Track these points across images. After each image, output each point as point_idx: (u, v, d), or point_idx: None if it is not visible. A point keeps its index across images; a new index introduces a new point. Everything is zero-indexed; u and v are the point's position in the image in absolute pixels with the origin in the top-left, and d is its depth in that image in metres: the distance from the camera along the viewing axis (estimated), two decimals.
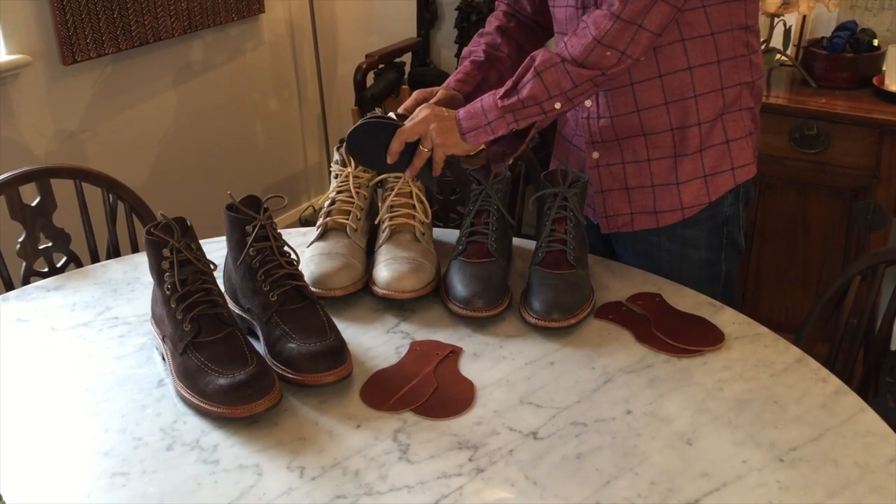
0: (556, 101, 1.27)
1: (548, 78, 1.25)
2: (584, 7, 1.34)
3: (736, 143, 1.40)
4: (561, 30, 1.42)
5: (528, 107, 1.27)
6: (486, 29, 1.55)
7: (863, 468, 0.97)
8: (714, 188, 1.41)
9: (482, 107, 1.29)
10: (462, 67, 1.51)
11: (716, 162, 1.40)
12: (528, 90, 1.26)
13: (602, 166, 1.45)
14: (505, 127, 1.28)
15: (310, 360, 1.09)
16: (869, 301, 1.36)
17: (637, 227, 1.46)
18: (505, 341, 1.22)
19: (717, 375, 1.14)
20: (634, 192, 1.44)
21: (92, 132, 2.65)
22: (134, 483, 0.97)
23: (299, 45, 3.39)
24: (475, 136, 1.29)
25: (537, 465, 0.99)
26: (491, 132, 1.29)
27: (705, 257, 1.46)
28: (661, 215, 1.43)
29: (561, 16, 1.40)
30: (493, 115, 1.28)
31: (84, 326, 1.29)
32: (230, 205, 1.18)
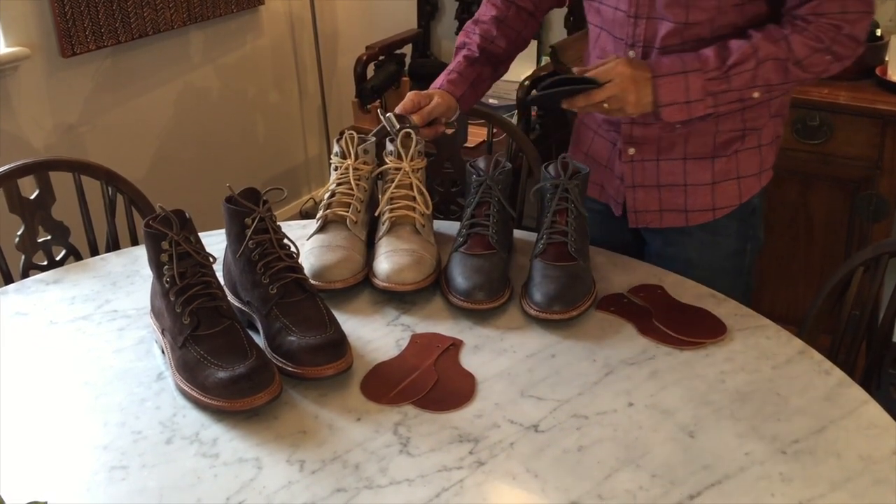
0: (756, 91, 1.27)
1: (763, 70, 1.25)
2: (637, 16, 1.32)
3: (766, 147, 1.42)
4: (606, 27, 1.40)
5: (732, 92, 1.26)
6: (482, 16, 1.53)
7: (866, 460, 0.97)
8: (745, 190, 1.42)
9: (687, 84, 1.26)
10: (455, 64, 1.51)
11: (748, 164, 1.41)
12: (740, 79, 1.25)
13: (636, 162, 1.44)
14: (703, 109, 1.28)
15: (310, 353, 1.09)
16: (872, 292, 1.35)
17: (665, 225, 1.46)
18: (506, 334, 1.22)
19: (719, 367, 1.14)
20: (665, 190, 1.43)
21: (91, 125, 2.64)
22: (133, 477, 0.97)
23: (299, 36, 3.38)
24: (671, 111, 1.28)
25: (538, 458, 0.98)
26: (687, 112, 1.28)
27: (734, 247, 1.46)
28: (691, 214, 1.43)
29: (608, 15, 1.38)
30: (696, 96, 1.26)
31: (83, 320, 1.28)
32: (229, 197, 1.17)
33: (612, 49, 1.40)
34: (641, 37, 1.34)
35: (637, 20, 1.33)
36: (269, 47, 3.25)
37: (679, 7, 1.28)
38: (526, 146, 1.79)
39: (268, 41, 3.24)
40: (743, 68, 1.25)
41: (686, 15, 1.28)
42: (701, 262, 1.44)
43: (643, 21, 1.33)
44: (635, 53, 1.35)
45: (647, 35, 1.33)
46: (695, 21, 1.29)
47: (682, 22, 1.29)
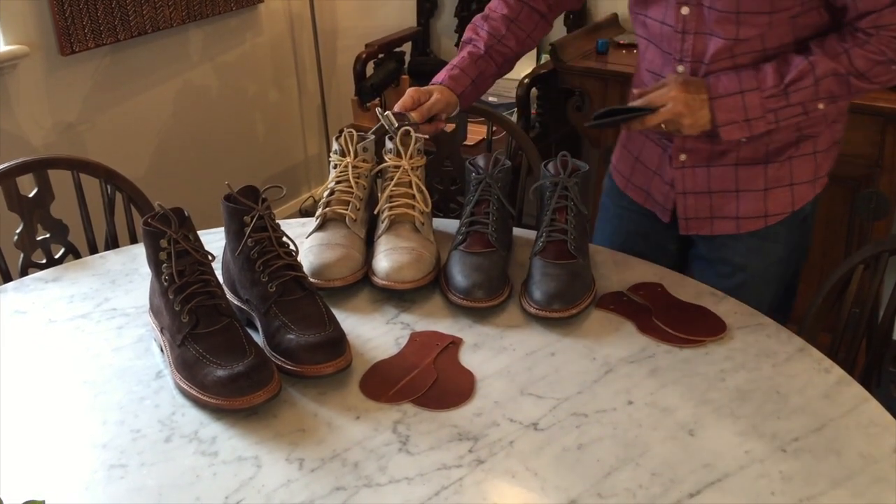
0: (821, 103, 1.25)
1: (823, 85, 1.23)
2: (685, 32, 1.30)
3: (822, 154, 1.39)
4: (654, 41, 1.38)
5: (793, 106, 1.25)
6: (492, 13, 1.51)
7: (866, 458, 0.97)
8: (798, 197, 1.39)
9: (744, 103, 1.25)
10: (459, 60, 1.49)
11: (802, 171, 1.38)
12: (798, 96, 1.24)
13: (687, 168, 1.41)
14: (765, 126, 1.26)
15: (309, 351, 1.09)
16: (872, 291, 1.35)
17: (716, 232, 1.43)
18: (505, 332, 1.21)
19: (719, 366, 1.13)
20: (716, 197, 1.41)
21: (90, 123, 2.64)
22: (132, 475, 0.97)
23: (299, 34, 3.37)
24: (730, 130, 1.27)
25: (538, 457, 0.98)
26: (748, 130, 1.27)
27: (781, 254, 1.43)
28: (742, 221, 1.41)
29: (655, 29, 1.35)
30: (755, 114, 1.25)
31: (82, 318, 1.28)
32: (228, 195, 1.17)
33: (660, 63, 1.37)
34: (690, 52, 1.31)
35: (685, 35, 1.30)
36: (268, 45, 3.25)
37: (729, 23, 1.24)
38: (525, 144, 1.79)
39: (267, 39, 3.23)
40: (801, 85, 1.23)
41: (737, 31, 1.25)
42: (747, 267, 1.42)
43: (691, 36, 1.29)
44: (684, 69, 1.32)
45: (696, 50, 1.30)
46: (745, 37, 1.25)
47: (732, 38, 1.26)
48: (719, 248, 1.45)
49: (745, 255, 1.43)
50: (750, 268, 1.43)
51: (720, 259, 1.45)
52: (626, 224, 1.57)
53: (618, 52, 2.62)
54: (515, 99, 2.61)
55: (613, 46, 2.63)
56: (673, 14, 1.31)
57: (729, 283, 1.37)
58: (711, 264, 1.46)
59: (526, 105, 2.60)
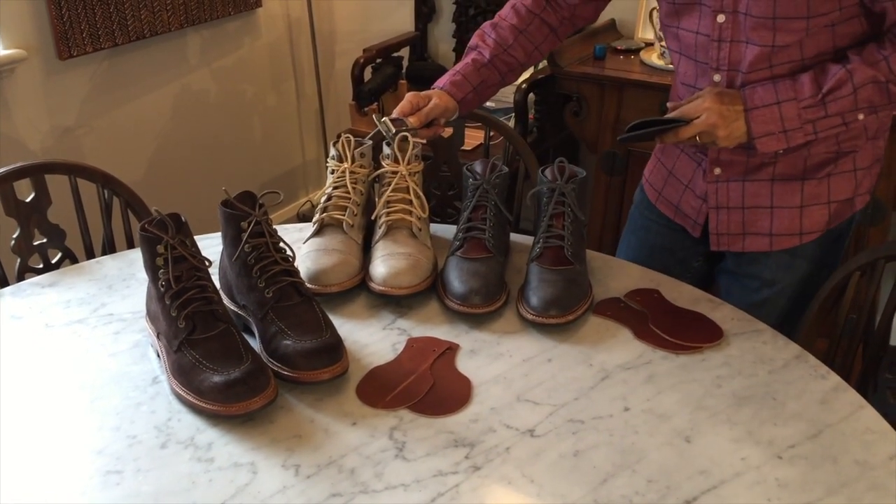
0: (861, 113, 1.22)
1: (862, 94, 1.20)
2: (721, 40, 1.28)
3: (862, 171, 1.36)
4: (686, 53, 1.35)
5: (832, 116, 1.22)
6: (502, 21, 1.49)
7: (862, 465, 0.97)
8: (835, 215, 1.36)
9: (781, 114, 1.22)
10: (462, 66, 1.47)
11: (841, 188, 1.35)
12: (836, 106, 1.21)
13: (720, 182, 1.39)
14: (803, 137, 1.24)
15: (305, 357, 1.09)
16: (868, 297, 1.35)
17: (747, 249, 1.41)
18: (502, 338, 1.21)
19: (715, 372, 1.13)
20: (749, 212, 1.38)
21: (88, 127, 2.64)
22: (128, 481, 0.97)
23: (297, 39, 3.38)
24: (767, 142, 1.24)
25: (534, 463, 0.98)
26: (786, 141, 1.24)
27: (809, 271, 1.41)
28: (775, 238, 1.38)
29: (689, 41, 1.33)
30: (793, 125, 1.22)
31: (79, 323, 1.28)
32: (225, 201, 1.17)
33: (693, 74, 1.36)
34: (726, 61, 1.29)
35: (721, 43, 1.28)
36: (266, 50, 3.25)
37: (766, 30, 1.22)
38: (523, 149, 1.79)
39: (265, 43, 3.24)
40: (839, 94, 1.20)
41: (773, 38, 1.22)
42: (774, 283, 1.40)
43: (727, 45, 1.27)
44: (721, 77, 1.30)
45: (733, 59, 1.28)
46: (783, 44, 1.23)
47: (769, 45, 1.23)
48: (749, 263, 1.42)
49: (775, 271, 1.40)
50: (778, 283, 1.40)
51: (748, 274, 1.43)
52: (652, 237, 1.55)
53: (615, 57, 2.63)
54: (513, 104, 2.61)
55: (611, 52, 2.64)
56: (709, 22, 1.28)
57: (755, 298, 1.36)
58: (738, 279, 1.44)
59: (523, 110, 2.60)
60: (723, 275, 1.49)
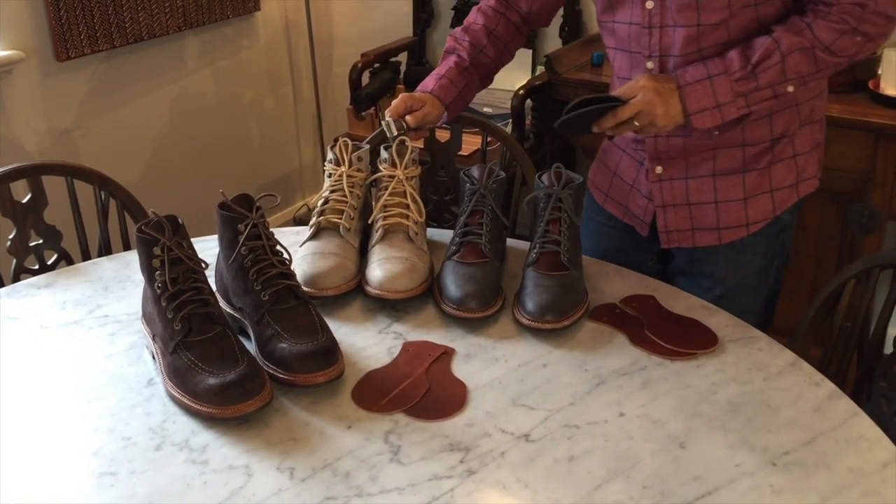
0: (790, 85, 1.24)
1: (790, 62, 1.22)
2: (651, 26, 1.31)
3: (803, 156, 1.39)
4: (620, 46, 1.39)
5: (763, 89, 1.24)
6: (472, 24, 1.52)
7: (856, 473, 0.97)
8: (779, 202, 1.39)
9: (713, 89, 1.24)
10: (446, 70, 1.49)
11: (783, 176, 1.38)
12: (767, 76, 1.23)
13: (664, 181, 1.41)
14: (735, 111, 1.25)
15: (301, 360, 1.09)
16: (863, 305, 1.35)
17: (697, 244, 1.43)
18: (498, 343, 1.22)
19: (710, 378, 1.14)
20: (696, 209, 1.41)
21: (85, 129, 2.64)
22: (122, 483, 0.96)
23: (295, 43, 3.38)
24: (701, 119, 1.25)
25: (529, 468, 0.98)
26: (720, 116, 1.25)
27: (760, 265, 1.43)
28: (723, 232, 1.41)
29: (623, 32, 1.36)
30: (725, 98, 1.24)
31: (74, 325, 1.28)
32: (222, 203, 1.17)
33: (628, 66, 1.38)
34: (657, 46, 1.32)
35: (651, 30, 1.31)
36: (264, 53, 3.25)
37: (690, 10, 1.26)
38: (520, 155, 1.79)
39: (263, 47, 3.24)
40: (768, 64, 1.22)
41: (698, 17, 1.26)
42: (727, 280, 1.42)
43: (657, 30, 1.31)
44: (653, 65, 1.33)
45: (664, 44, 1.31)
46: (708, 23, 1.26)
47: (694, 25, 1.27)
48: (699, 261, 1.45)
49: (725, 268, 1.43)
50: (730, 280, 1.43)
51: (700, 273, 1.45)
52: (605, 241, 1.57)
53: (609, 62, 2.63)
54: (510, 110, 2.62)
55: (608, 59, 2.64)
56: (639, 11, 1.32)
57: (710, 296, 1.38)
58: (692, 278, 1.46)
59: (521, 116, 2.61)
60: (676, 276, 1.51)
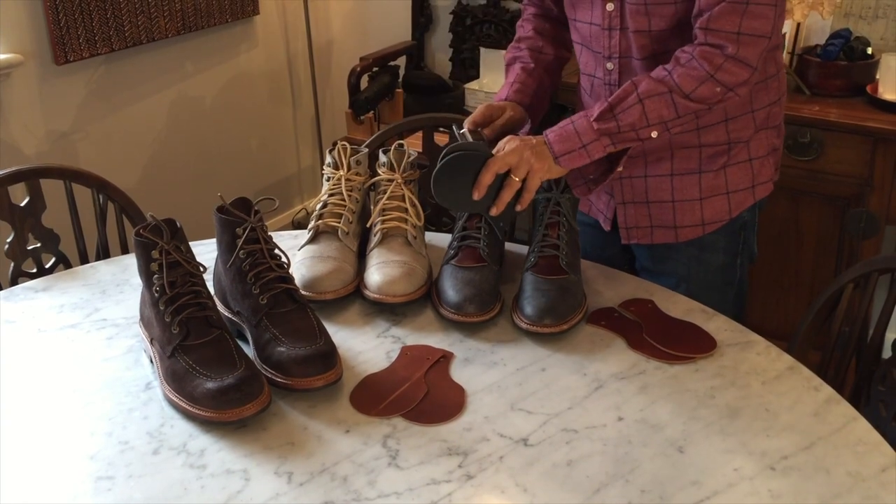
0: (654, 130, 1.26)
1: (650, 106, 1.24)
2: (611, 28, 1.33)
3: (758, 160, 1.41)
4: (584, 43, 1.41)
5: (625, 132, 1.26)
6: (523, 33, 1.53)
7: (854, 477, 0.97)
8: (735, 204, 1.41)
9: (575, 129, 1.27)
10: (515, 76, 1.49)
11: (738, 179, 1.40)
12: (627, 117, 1.25)
13: (624, 178, 1.44)
14: (601, 150, 1.27)
15: (299, 364, 1.08)
16: (861, 309, 1.35)
17: (656, 241, 1.46)
18: (496, 347, 1.21)
19: (708, 383, 1.14)
20: (654, 206, 1.43)
21: (84, 132, 2.64)
22: (119, 487, 0.96)
23: (294, 47, 3.38)
24: (569, 159, 1.27)
25: (528, 472, 0.98)
26: (587, 156, 1.27)
27: (722, 261, 1.46)
28: (680, 230, 1.43)
29: (585, 31, 1.39)
30: (589, 138, 1.26)
31: (72, 328, 1.28)
32: (220, 207, 1.17)
33: (592, 63, 1.42)
34: (617, 48, 1.35)
35: (611, 31, 1.34)
36: (263, 57, 3.25)
37: (641, 15, 1.29)
38: None
39: (262, 51, 3.24)
40: (626, 104, 1.25)
41: (648, 23, 1.29)
42: (689, 277, 1.45)
43: (617, 32, 1.34)
44: (613, 66, 1.36)
45: (623, 47, 1.35)
46: (659, 28, 1.29)
47: (645, 30, 1.30)
48: (662, 260, 1.48)
49: (687, 265, 1.46)
50: (693, 277, 1.45)
51: (664, 272, 1.47)
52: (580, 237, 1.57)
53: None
54: None
55: None
56: (599, 12, 1.34)
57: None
58: (655, 276, 1.48)
59: None
60: (642, 273, 1.52)
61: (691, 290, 1.43)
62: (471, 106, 2.90)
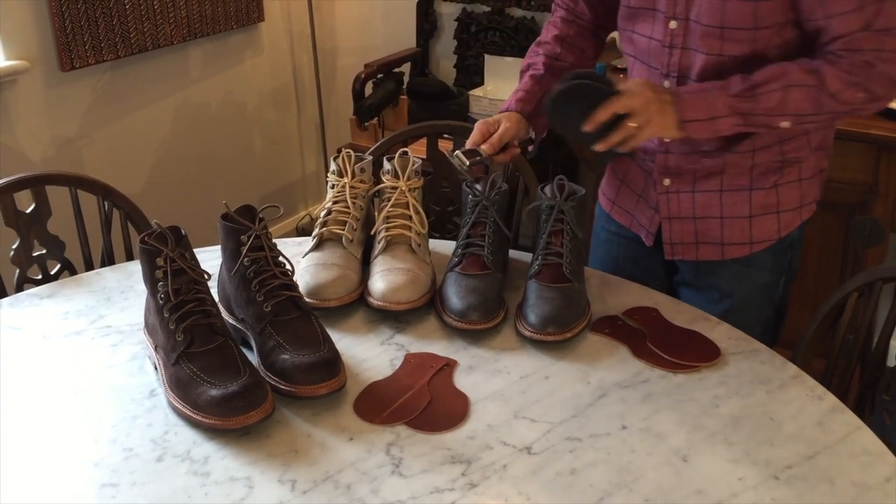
0: (787, 120, 1.23)
1: (793, 95, 1.21)
2: (672, 46, 1.30)
3: (807, 181, 1.38)
4: (639, 57, 1.38)
5: (759, 115, 1.22)
6: (544, 38, 1.51)
7: (859, 487, 0.96)
8: (784, 224, 1.39)
9: (710, 100, 1.23)
10: (522, 84, 1.48)
11: (789, 198, 1.37)
12: (767, 100, 1.21)
13: (671, 193, 1.41)
14: (729, 128, 1.24)
15: (303, 371, 1.09)
16: (866, 318, 1.35)
17: (701, 258, 1.43)
18: (500, 354, 1.21)
19: (712, 391, 1.13)
20: (701, 223, 1.40)
21: (89, 139, 2.65)
22: (123, 494, 0.96)
23: (298, 54, 3.39)
24: (695, 127, 1.24)
25: (531, 481, 0.98)
26: (713, 129, 1.24)
27: (767, 279, 1.43)
28: (727, 248, 1.40)
29: (642, 45, 1.35)
30: (722, 112, 1.22)
31: (77, 335, 1.28)
32: (225, 214, 1.17)
33: (646, 77, 1.36)
34: (676, 66, 1.31)
35: (672, 50, 1.30)
36: (268, 64, 3.26)
37: (714, 38, 1.24)
38: (522, 167, 1.80)
39: (267, 58, 3.25)
40: (770, 88, 1.21)
41: (721, 46, 1.25)
42: (732, 293, 1.42)
43: (678, 51, 1.30)
44: (670, 84, 1.32)
45: (682, 65, 1.30)
46: (730, 54, 1.25)
47: (716, 53, 1.25)
48: (705, 274, 1.45)
49: (731, 282, 1.42)
50: (736, 294, 1.42)
51: (707, 286, 1.44)
52: (615, 249, 1.57)
53: (615, 75, 2.64)
54: None
55: (611, 70, 2.65)
56: (661, 28, 1.31)
57: (717, 309, 1.37)
58: (699, 290, 1.45)
59: None
60: (682, 287, 1.50)
61: (733, 307, 1.41)
62: (475, 113, 2.90)
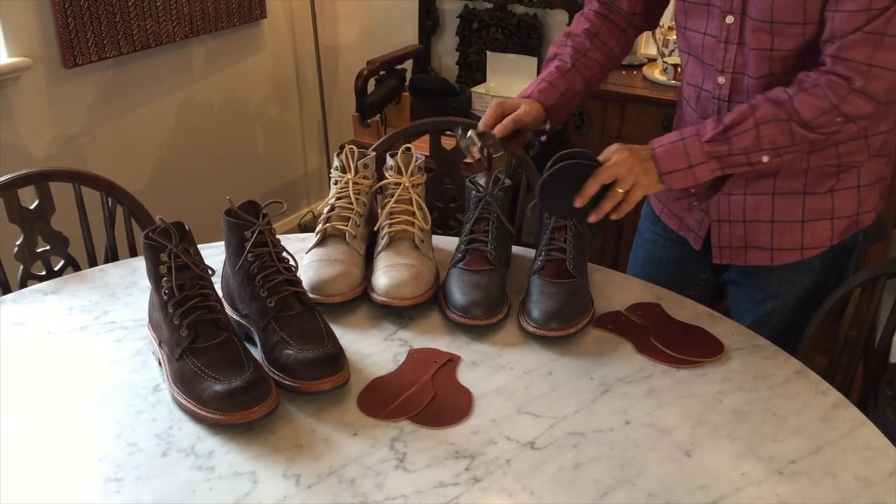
0: (765, 155, 1.22)
1: (765, 131, 1.20)
2: (728, 42, 1.28)
3: (866, 188, 1.35)
4: (694, 54, 1.36)
5: (735, 156, 1.22)
6: (574, 29, 1.49)
7: (862, 482, 0.97)
8: (838, 231, 1.36)
9: (684, 147, 1.23)
10: (547, 73, 1.45)
11: (845, 204, 1.34)
12: (740, 141, 1.21)
13: (722, 195, 1.39)
14: (708, 173, 1.24)
15: (307, 366, 1.09)
16: (869, 313, 1.35)
17: (750, 262, 1.41)
18: (503, 350, 1.22)
19: (716, 387, 1.14)
20: (751, 226, 1.38)
21: (92, 136, 2.65)
22: (128, 489, 0.97)
23: (301, 50, 3.39)
24: (673, 179, 1.25)
25: (535, 476, 0.98)
26: (692, 177, 1.24)
27: (814, 283, 1.40)
28: (776, 253, 1.38)
29: (696, 41, 1.33)
30: (697, 159, 1.23)
31: (80, 330, 1.28)
32: (229, 210, 1.17)
33: (700, 75, 1.36)
34: (731, 63, 1.29)
35: (728, 45, 1.28)
36: (270, 61, 3.26)
37: (764, 33, 1.22)
38: (525, 163, 1.80)
39: (269, 55, 3.25)
40: (741, 128, 1.21)
41: (771, 41, 1.23)
42: (778, 295, 1.40)
43: (733, 46, 1.27)
44: (725, 80, 1.30)
45: (738, 62, 1.28)
46: (781, 48, 1.23)
47: (767, 48, 1.23)
48: (753, 275, 1.42)
49: (779, 284, 1.40)
50: (783, 296, 1.40)
51: (753, 286, 1.43)
52: (658, 250, 1.56)
53: (618, 72, 2.64)
54: None
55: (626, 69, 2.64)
56: (717, 23, 1.28)
57: (762, 309, 1.37)
58: (744, 290, 1.44)
59: None
60: (730, 285, 1.49)
61: (778, 309, 1.40)
62: (477, 109, 2.90)
